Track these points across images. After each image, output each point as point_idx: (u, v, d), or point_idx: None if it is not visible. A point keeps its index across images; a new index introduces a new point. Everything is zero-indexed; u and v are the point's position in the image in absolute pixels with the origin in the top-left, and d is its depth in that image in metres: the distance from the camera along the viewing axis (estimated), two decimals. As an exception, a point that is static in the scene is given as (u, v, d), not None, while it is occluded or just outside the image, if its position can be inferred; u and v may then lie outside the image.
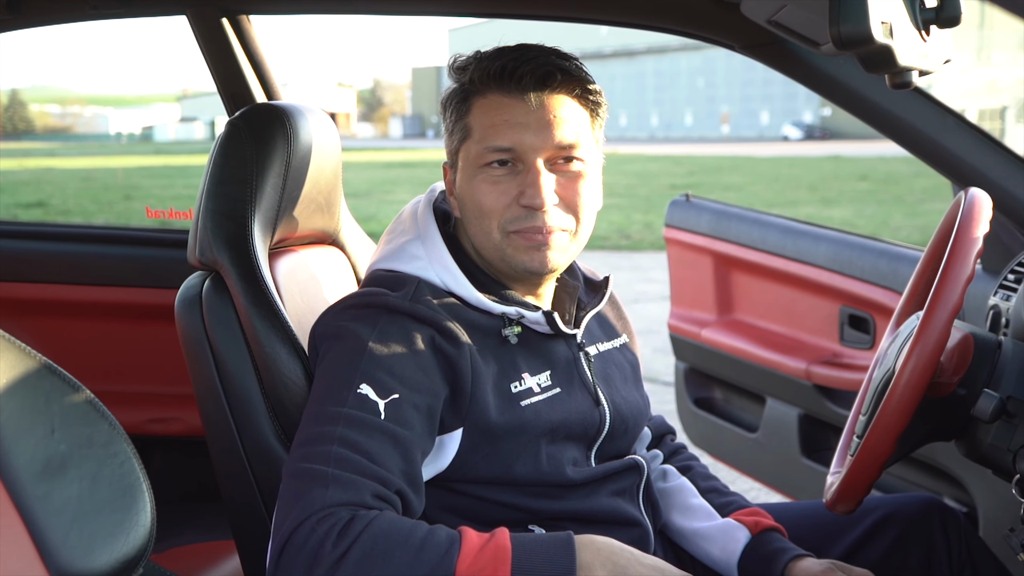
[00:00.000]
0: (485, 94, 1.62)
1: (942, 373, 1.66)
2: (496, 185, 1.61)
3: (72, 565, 1.19)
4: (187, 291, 1.80)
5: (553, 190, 1.61)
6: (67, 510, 1.21)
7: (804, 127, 71.63)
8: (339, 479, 1.40)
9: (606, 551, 1.42)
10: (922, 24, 1.33)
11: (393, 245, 1.70)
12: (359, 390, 1.49)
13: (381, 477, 1.43)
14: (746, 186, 23.29)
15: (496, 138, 1.60)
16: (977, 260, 1.56)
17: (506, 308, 1.63)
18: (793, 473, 3.20)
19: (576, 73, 1.63)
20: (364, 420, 1.46)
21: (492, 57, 1.62)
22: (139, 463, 1.29)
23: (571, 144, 1.61)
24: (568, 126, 1.61)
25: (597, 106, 1.66)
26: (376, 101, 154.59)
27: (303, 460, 1.44)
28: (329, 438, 1.44)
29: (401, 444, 1.47)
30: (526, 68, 1.59)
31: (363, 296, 1.62)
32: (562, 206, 1.62)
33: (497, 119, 1.61)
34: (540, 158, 1.60)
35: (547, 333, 1.67)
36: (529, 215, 1.60)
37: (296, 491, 1.41)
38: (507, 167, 1.61)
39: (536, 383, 1.64)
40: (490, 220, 1.63)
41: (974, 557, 1.85)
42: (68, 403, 1.26)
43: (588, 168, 1.64)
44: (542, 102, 1.60)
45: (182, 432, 2.74)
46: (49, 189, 23.73)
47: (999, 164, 2.16)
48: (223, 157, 1.81)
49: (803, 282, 3.17)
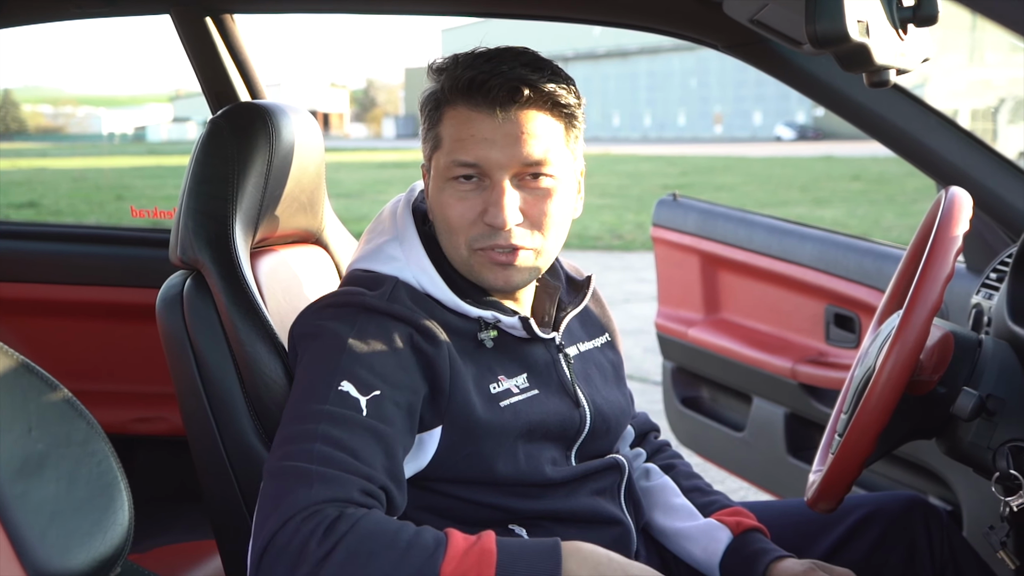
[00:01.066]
0: (455, 105, 1.59)
1: (922, 371, 1.66)
2: (462, 201, 1.59)
3: (49, 564, 1.19)
4: (168, 290, 1.79)
5: (518, 208, 1.58)
6: (44, 509, 1.20)
7: (797, 127, 71.69)
8: (324, 476, 1.39)
9: (592, 560, 1.40)
10: (899, 23, 1.34)
11: (372, 245, 1.69)
12: (340, 387, 1.48)
13: (365, 474, 1.42)
14: (738, 186, 23.30)
15: (462, 152, 1.58)
16: (957, 258, 1.57)
17: (482, 312, 1.62)
18: (779, 472, 3.20)
19: (547, 86, 1.58)
20: (346, 417, 1.46)
21: (465, 66, 1.59)
22: (117, 462, 1.29)
23: (539, 161, 1.57)
24: (536, 142, 1.57)
25: (572, 117, 1.63)
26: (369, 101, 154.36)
27: (285, 459, 1.43)
28: (311, 436, 1.44)
29: (384, 440, 1.46)
30: (494, 82, 1.55)
31: (341, 295, 1.61)
32: (527, 224, 1.60)
33: (464, 133, 1.58)
34: (507, 175, 1.57)
35: (522, 337, 1.67)
36: (493, 233, 1.58)
37: (279, 490, 1.40)
38: (473, 182, 1.59)
39: (514, 384, 1.63)
40: (457, 236, 1.61)
41: (956, 555, 1.85)
42: (45, 402, 1.25)
43: (558, 183, 1.61)
44: (509, 117, 1.56)
45: (166, 432, 2.73)
46: (41, 189, 23.66)
47: (981, 163, 2.17)
48: (205, 156, 1.81)
49: (789, 281, 3.17)
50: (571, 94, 1.61)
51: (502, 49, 1.62)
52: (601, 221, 16.08)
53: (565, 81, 1.62)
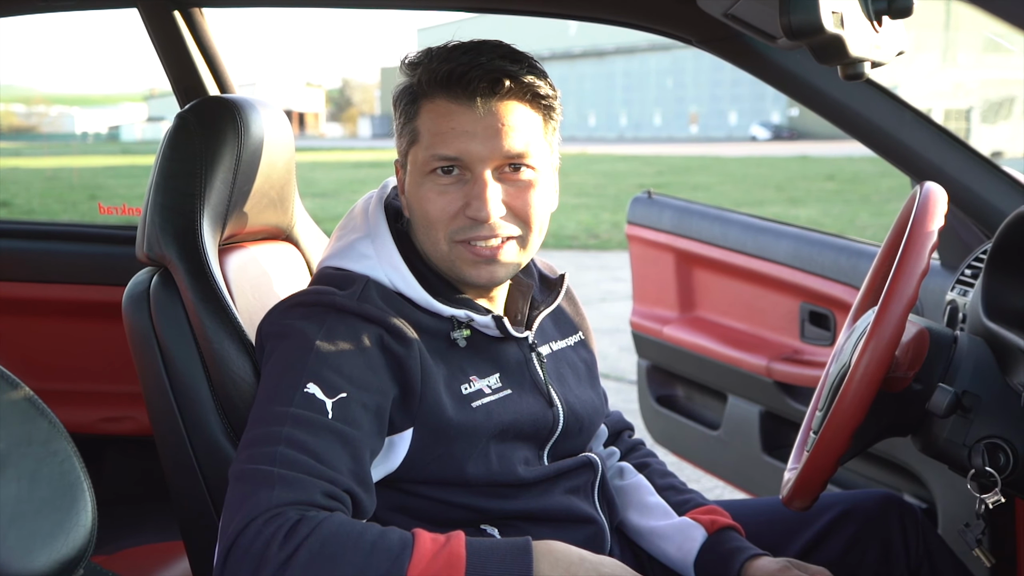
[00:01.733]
0: (433, 98, 1.58)
1: (897, 368, 1.65)
2: (443, 195, 1.58)
3: (10, 566, 1.17)
4: (135, 287, 1.77)
5: (500, 200, 1.57)
6: (4, 510, 1.18)
7: (772, 127, 72.05)
8: (285, 479, 1.37)
9: (565, 562, 1.39)
10: (874, 15, 1.33)
11: (343, 243, 1.67)
12: (306, 389, 1.46)
13: (329, 477, 1.40)
14: (714, 186, 23.39)
15: (442, 146, 1.56)
16: (932, 253, 1.56)
17: (455, 311, 1.61)
18: (755, 470, 3.20)
19: (527, 78, 1.57)
20: (311, 419, 1.43)
21: (441, 59, 1.57)
22: (80, 462, 1.27)
23: (520, 153, 1.56)
24: (517, 134, 1.56)
25: (550, 109, 1.62)
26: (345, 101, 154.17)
27: (248, 462, 1.41)
28: (275, 439, 1.41)
29: (349, 443, 1.44)
30: (474, 74, 1.54)
31: (310, 294, 1.59)
32: (510, 216, 1.58)
33: (444, 126, 1.56)
34: (488, 168, 1.56)
35: (495, 336, 1.65)
36: (475, 226, 1.57)
37: (242, 493, 1.38)
38: (454, 175, 1.57)
39: (486, 385, 1.62)
40: (437, 230, 1.59)
41: (931, 553, 1.85)
42: (5, 400, 1.23)
43: (539, 175, 1.60)
44: (490, 109, 1.55)
45: (135, 431, 2.70)
46: (13, 188, 23.52)
47: (956, 159, 2.17)
48: (171, 151, 1.78)
49: (764, 279, 3.17)
50: (548, 86, 1.61)
51: (478, 42, 1.60)
52: (577, 220, 16.11)
53: (542, 74, 1.61)
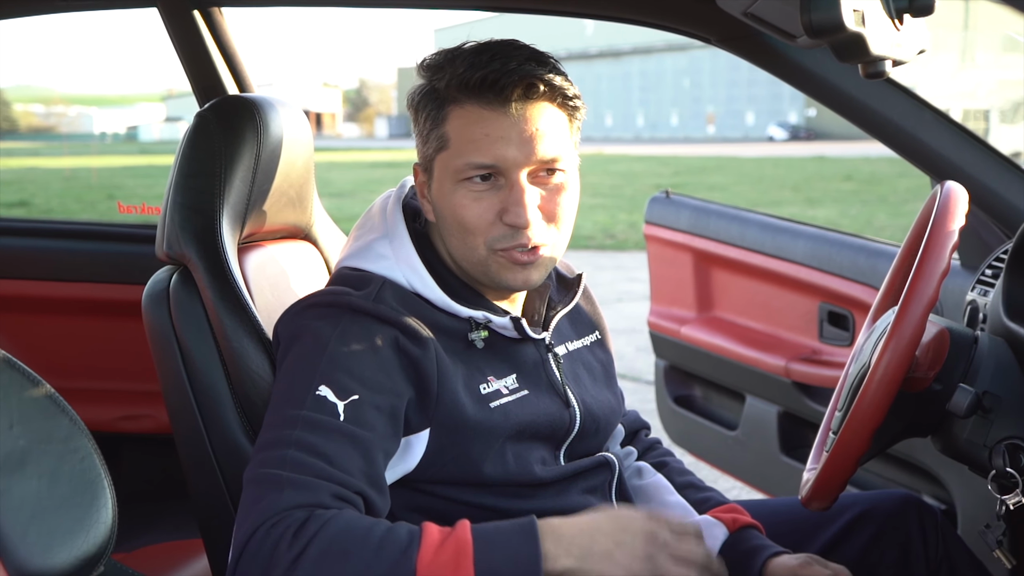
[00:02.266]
0: (463, 104, 1.56)
1: (917, 368, 1.65)
2: (478, 201, 1.57)
3: (31, 563, 1.18)
4: (154, 285, 1.78)
5: (537, 206, 1.57)
6: (26, 506, 1.19)
7: (789, 128, 71.87)
8: (294, 482, 1.38)
9: (568, 538, 1.38)
10: (895, 13, 1.33)
11: (361, 243, 1.67)
12: (318, 392, 1.46)
13: (339, 479, 1.40)
14: (731, 186, 23.36)
15: (477, 154, 1.55)
16: (953, 253, 1.55)
17: (473, 312, 1.61)
18: (773, 471, 3.20)
19: (556, 80, 1.57)
20: (322, 422, 1.44)
21: (468, 64, 1.55)
22: (100, 459, 1.28)
23: (554, 158, 1.56)
24: (550, 138, 1.56)
25: (576, 109, 1.62)
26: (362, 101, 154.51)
27: (260, 466, 1.42)
28: (286, 442, 1.42)
29: (361, 445, 1.44)
30: (508, 80, 1.53)
31: (326, 295, 1.59)
32: (544, 220, 1.59)
33: (477, 133, 1.55)
34: (523, 173, 1.56)
35: (513, 337, 1.65)
36: (514, 233, 1.56)
37: (253, 498, 1.39)
38: (489, 181, 1.56)
39: (503, 385, 1.62)
40: (475, 237, 1.58)
41: (951, 554, 1.84)
42: (27, 397, 1.24)
43: (568, 177, 1.61)
44: (524, 115, 1.54)
45: (153, 429, 2.72)
46: (32, 188, 23.67)
47: (976, 159, 2.16)
48: (191, 149, 1.79)
49: (782, 279, 3.17)
50: (573, 86, 1.61)
51: (500, 44, 1.59)
52: (594, 221, 16.11)
53: (565, 74, 1.61)
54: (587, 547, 1.37)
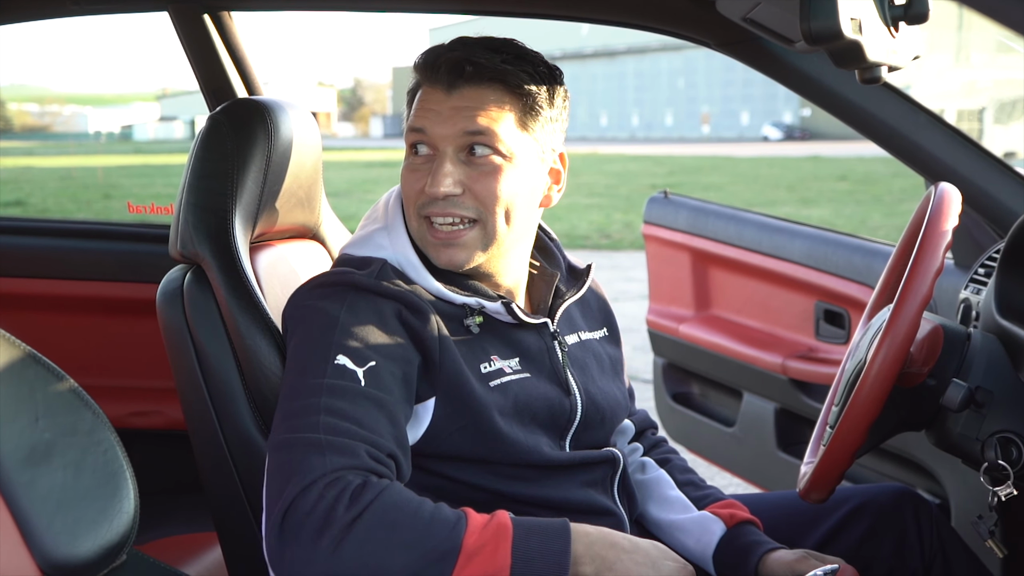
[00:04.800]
0: (420, 86, 1.67)
1: (912, 363, 1.68)
2: (414, 172, 1.65)
3: (57, 551, 1.21)
4: (168, 284, 1.81)
5: (458, 180, 1.61)
6: (51, 497, 1.22)
7: (784, 128, 71.72)
8: (334, 444, 1.41)
9: (597, 546, 1.44)
10: (891, 20, 1.37)
11: (362, 232, 1.73)
12: (336, 361, 1.50)
13: (373, 441, 1.44)
14: (726, 186, 23.33)
15: (414, 120, 1.64)
16: (946, 252, 1.59)
17: (466, 299, 1.65)
18: (769, 467, 3.23)
19: (498, 65, 1.61)
20: (346, 388, 1.48)
21: (429, 49, 1.66)
22: (122, 451, 1.31)
23: (480, 132, 1.60)
24: (480, 115, 1.61)
25: (529, 99, 1.64)
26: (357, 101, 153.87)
27: (292, 431, 1.45)
28: (315, 409, 1.46)
29: (385, 408, 1.49)
30: (442, 60, 1.62)
31: (330, 275, 1.64)
32: (468, 197, 1.62)
33: (419, 106, 1.65)
34: (449, 147, 1.62)
35: (511, 322, 1.69)
36: (432, 202, 1.62)
37: (291, 461, 1.41)
38: (424, 156, 1.64)
39: (507, 365, 1.66)
40: (409, 206, 1.67)
41: (945, 546, 1.87)
42: (52, 392, 1.27)
43: (508, 164, 1.63)
44: (459, 93, 1.61)
45: (164, 425, 2.74)
46: (28, 188, 23.58)
47: (970, 160, 2.19)
48: (204, 151, 1.83)
49: (779, 278, 3.19)
50: (534, 79, 1.65)
51: (480, 36, 1.67)
52: (589, 220, 16.10)
53: (531, 66, 1.65)
54: (611, 562, 1.44)
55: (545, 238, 1.87)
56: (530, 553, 1.39)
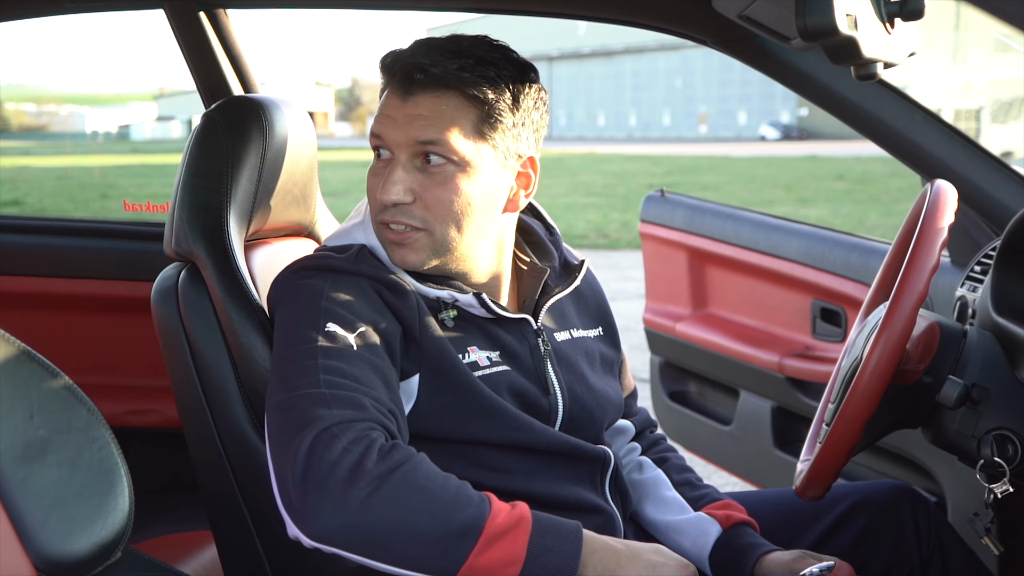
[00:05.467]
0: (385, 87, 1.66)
1: (908, 361, 1.68)
2: (375, 177, 1.66)
3: (51, 548, 1.21)
4: (163, 282, 1.81)
5: (408, 188, 1.60)
6: (46, 494, 1.22)
7: (781, 127, 71.74)
8: (338, 397, 1.42)
9: (601, 552, 1.45)
10: (886, 17, 1.37)
11: (342, 228, 1.75)
12: (327, 328, 1.51)
13: (374, 396, 1.46)
14: (723, 185, 23.34)
15: (374, 124, 1.65)
16: (942, 250, 1.59)
17: (439, 292, 1.64)
18: (766, 465, 3.23)
19: (454, 72, 1.58)
20: (340, 350, 1.49)
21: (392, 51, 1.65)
22: (117, 448, 1.31)
23: (431, 141, 1.58)
24: (432, 124, 1.58)
25: (490, 109, 1.61)
26: (354, 100, 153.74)
27: (291, 391, 1.45)
28: (312, 369, 1.47)
29: (379, 370, 1.50)
30: (396, 65, 1.61)
31: (311, 259, 1.66)
32: (419, 206, 1.61)
33: (379, 110, 1.65)
34: (403, 154, 1.61)
35: (488, 317, 1.67)
36: (385, 208, 1.63)
37: (296, 416, 1.42)
38: (384, 160, 1.65)
39: (485, 356, 1.65)
40: (371, 210, 1.68)
41: (943, 543, 1.87)
42: (47, 389, 1.27)
43: (461, 171, 1.60)
44: (414, 99, 1.60)
45: (159, 424, 2.74)
46: (25, 187, 23.56)
47: (966, 158, 2.20)
48: (199, 149, 1.82)
49: (776, 276, 3.20)
50: (494, 87, 1.61)
51: (449, 37, 1.65)
52: (587, 220, 16.11)
53: (495, 71, 1.61)
54: (612, 569, 1.44)
55: (541, 233, 1.85)
56: (544, 550, 1.39)
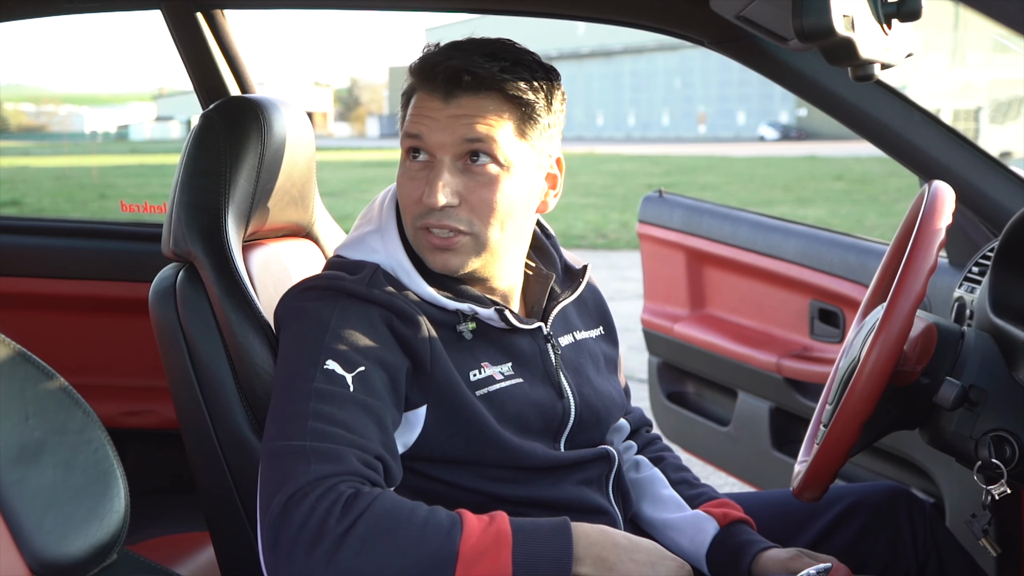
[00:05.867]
0: (418, 91, 1.64)
1: (906, 362, 1.68)
2: (411, 180, 1.63)
3: (46, 550, 1.21)
4: (161, 282, 1.81)
5: (454, 190, 1.59)
6: (41, 496, 1.22)
7: (780, 127, 71.78)
8: (319, 451, 1.42)
9: (598, 547, 1.45)
10: (883, 18, 1.37)
11: (356, 234, 1.72)
12: (325, 366, 1.50)
13: (360, 445, 1.44)
14: (722, 186, 23.35)
15: (411, 126, 1.62)
16: (940, 250, 1.59)
17: (459, 304, 1.63)
18: (764, 466, 3.23)
19: (497, 75, 1.59)
20: (335, 393, 1.48)
21: (425, 53, 1.64)
22: (113, 450, 1.31)
23: (478, 139, 1.58)
24: (479, 124, 1.58)
25: (527, 108, 1.62)
26: (353, 100, 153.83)
27: (280, 439, 1.45)
28: (303, 415, 1.46)
29: (374, 414, 1.49)
30: (440, 67, 1.59)
31: (322, 279, 1.64)
32: (465, 209, 1.60)
33: (416, 111, 1.62)
34: (447, 155, 1.59)
35: (504, 328, 1.67)
36: (430, 212, 1.60)
37: (279, 470, 1.42)
38: (422, 162, 1.62)
39: (498, 371, 1.65)
40: (407, 215, 1.65)
41: (939, 544, 1.88)
42: (42, 390, 1.27)
43: (506, 173, 1.61)
44: (457, 101, 1.59)
45: (156, 425, 2.74)
46: (23, 188, 23.56)
47: (964, 158, 2.20)
48: (197, 150, 1.82)
49: (774, 277, 3.20)
50: (531, 87, 1.62)
51: (475, 39, 1.64)
52: (585, 220, 16.11)
53: (529, 72, 1.62)
54: (611, 562, 1.44)
55: (542, 237, 1.85)
56: (531, 558, 1.39)
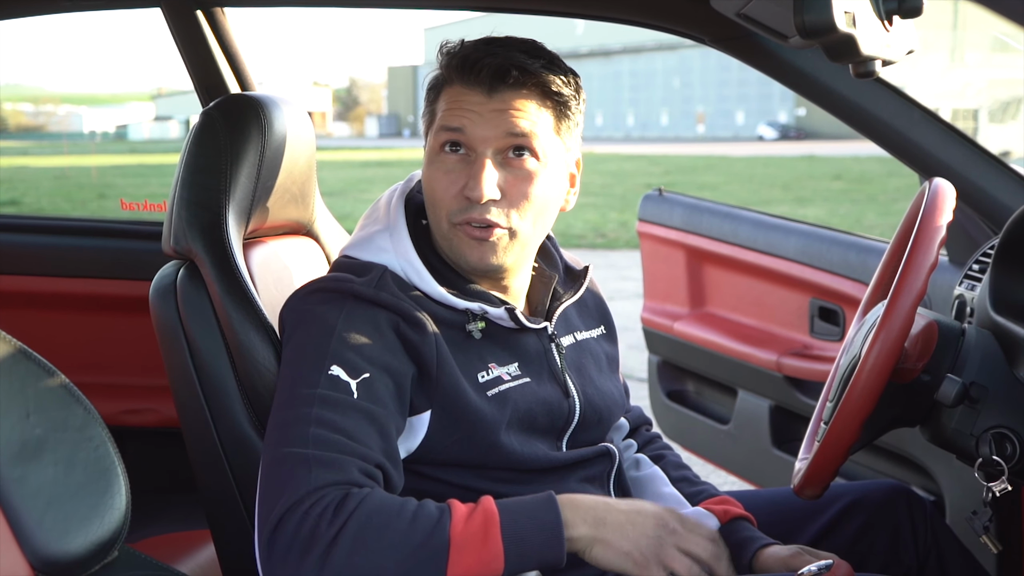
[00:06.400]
0: (452, 83, 1.64)
1: (906, 359, 1.68)
2: (447, 174, 1.63)
3: (47, 547, 1.21)
4: (161, 280, 1.80)
5: (497, 184, 1.60)
6: (42, 493, 1.22)
7: (779, 127, 71.76)
8: (321, 460, 1.42)
9: (584, 508, 1.47)
10: (885, 14, 1.37)
11: (364, 233, 1.72)
12: (330, 371, 1.50)
13: (361, 454, 1.45)
14: (721, 185, 23.36)
15: (450, 119, 1.62)
16: (941, 248, 1.59)
17: (469, 304, 1.64)
18: (764, 464, 3.23)
19: (540, 72, 1.62)
20: (338, 400, 1.48)
21: (464, 49, 1.64)
22: (114, 447, 1.31)
23: (522, 134, 1.60)
24: (522, 119, 1.60)
25: (564, 106, 1.65)
26: (352, 100, 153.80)
27: (282, 445, 1.46)
28: (305, 420, 1.46)
29: (376, 421, 1.49)
30: (486, 62, 1.60)
31: (329, 281, 1.64)
32: (505, 203, 1.61)
33: (454, 104, 1.62)
34: (489, 149, 1.60)
35: (512, 327, 1.68)
36: (470, 207, 1.61)
37: (280, 477, 1.43)
38: (459, 156, 1.62)
39: (505, 372, 1.65)
40: (439, 210, 1.64)
41: (939, 542, 1.88)
42: (43, 387, 1.27)
43: (542, 168, 1.63)
44: (499, 96, 1.60)
45: (157, 423, 2.74)
46: (22, 187, 23.56)
47: (964, 156, 2.20)
48: (198, 147, 1.82)
49: (774, 275, 3.20)
50: (567, 85, 1.65)
51: (508, 37, 1.67)
52: (584, 220, 16.11)
53: (563, 72, 1.65)
54: (602, 517, 1.47)
55: (544, 238, 1.86)
56: (521, 533, 1.41)
